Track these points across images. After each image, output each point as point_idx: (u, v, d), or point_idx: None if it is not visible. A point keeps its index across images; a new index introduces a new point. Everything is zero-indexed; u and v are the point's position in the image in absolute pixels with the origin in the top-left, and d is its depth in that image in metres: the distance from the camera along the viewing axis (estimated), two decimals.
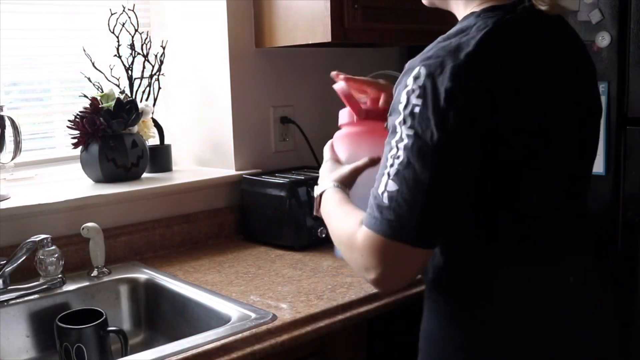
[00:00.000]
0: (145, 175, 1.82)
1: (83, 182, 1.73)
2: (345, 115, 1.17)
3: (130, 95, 1.81)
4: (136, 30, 1.82)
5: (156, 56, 1.86)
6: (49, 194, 1.57)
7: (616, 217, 1.64)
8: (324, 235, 1.69)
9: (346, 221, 0.97)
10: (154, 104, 1.88)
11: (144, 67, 1.84)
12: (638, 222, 1.60)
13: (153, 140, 1.90)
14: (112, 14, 1.78)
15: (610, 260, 1.65)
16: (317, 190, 1.11)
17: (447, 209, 0.88)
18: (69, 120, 1.71)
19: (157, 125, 1.90)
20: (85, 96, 1.74)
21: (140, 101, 1.84)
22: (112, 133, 1.70)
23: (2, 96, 1.71)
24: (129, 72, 1.82)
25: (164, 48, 1.88)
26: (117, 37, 1.79)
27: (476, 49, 0.86)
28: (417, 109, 0.86)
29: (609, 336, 1.07)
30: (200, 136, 1.97)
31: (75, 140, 1.70)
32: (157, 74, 1.88)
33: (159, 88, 1.89)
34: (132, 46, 1.82)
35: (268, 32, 1.81)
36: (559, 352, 0.98)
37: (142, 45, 1.83)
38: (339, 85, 1.16)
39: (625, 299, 1.63)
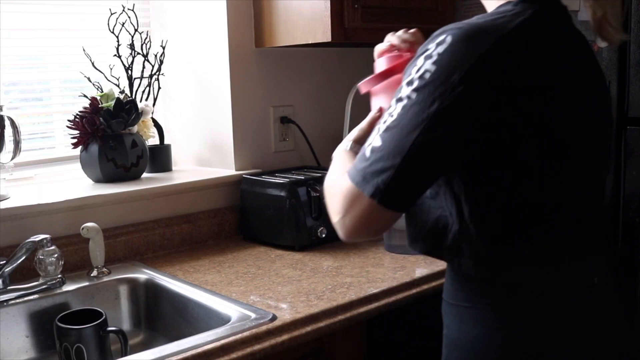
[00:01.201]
0: (145, 175, 1.81)
1: (83, 182, 1.73)
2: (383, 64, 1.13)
3: (130, 95, 1.81)
4: (136, 30, 1.82)
5: (156, 56, 1.86)
6: (48, 194, 1.57)
7: (616, 217, 1.64)
8: (324, 235, 1.69)
9: (336, 171, 1.01)
10: (153, 104, 1.88)
11: (143, 67, 1.84)
12: (638, 222, 1.60)
13: (153, 140, 1.89)
14: (112, 14, 1.78)
15: (611, 260, 1.65)
16: None
17: (420, 180, 0.89)
18: (69, 120, 1.71)
19: (156, 125, 1.90)
20: (85, 96, 1.74)
21: (140, 101, 1.83)
22: (111, 133, 1.70)
23: (2, 96, 1.71)
24: (129, 72, 1.82)
25: (163, 48, 1.88)
26: (117, 37, 1.78)
27: (510, 34, 0.86)
28: (427, 75, 0.85)
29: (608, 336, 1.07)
30: (200, 136, 1.97)
31: (75, 140, 1.70)
32: (157, 73, 1.88)
33: (159, 88, 1.89)
34: (132, 46, 1.81)
35: (268, 32, 1.81)
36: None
37: (142, 45, 1.83)
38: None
39: (625, 299, 1.63)
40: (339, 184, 0.93)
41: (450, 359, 1.03)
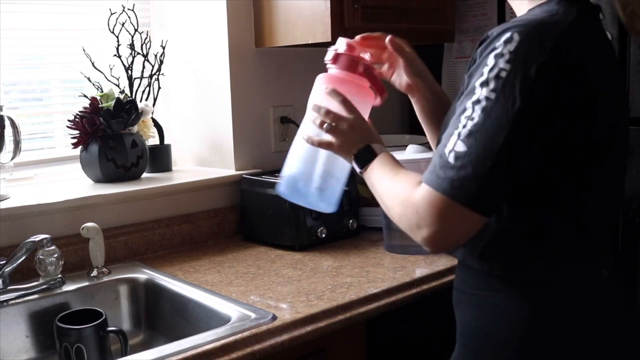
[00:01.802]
0: (145, 175, 1.81)
1: (83, 182, 1.73)
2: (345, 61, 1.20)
3: (130, 95, 1.81)
4: (136, 30, 1.82)
5: (156, 56, 1.86)
6: (48, 194, 1.57)
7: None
8: (324, 235, 1.69)
9: (403, 179, 0.96)
10: (153, 104, 1.88)
11: (143, 67, 1.84)
12: (638, 222, 1.60)
13: (153, 140, 1.89)
14: (112, 14, 1.78)
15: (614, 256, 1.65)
16: (362, 154, 1.09)
17: (511, 179, 0.88)
18: (69, 120, 1.70)
19: (156, 125, 1.90)
20: (85, 96, 1.74)
21: (140, 101, 1.83)
22: (111, 133, 1.70)
23: (2, 96, 1.71)
24: (129, 72, 1.82)
25: (163, 48, 1.88)
26: (117, 37, 1.78)
27: (568, 30, 0.87)
28: (503, 74, 0.85)
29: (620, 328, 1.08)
30: (200, 136, 1.97)
31: (75, 140, 1.70)
32: (157, 73, 1.88)
33: (159, 88, 1.89)
34: (132, 46, 1.81)
35: (268, 32, 1.81)
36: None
37: (142, 45, 1.83)
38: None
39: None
40: (418, 195, 0.89)
41: (465, 349, 1.03)
